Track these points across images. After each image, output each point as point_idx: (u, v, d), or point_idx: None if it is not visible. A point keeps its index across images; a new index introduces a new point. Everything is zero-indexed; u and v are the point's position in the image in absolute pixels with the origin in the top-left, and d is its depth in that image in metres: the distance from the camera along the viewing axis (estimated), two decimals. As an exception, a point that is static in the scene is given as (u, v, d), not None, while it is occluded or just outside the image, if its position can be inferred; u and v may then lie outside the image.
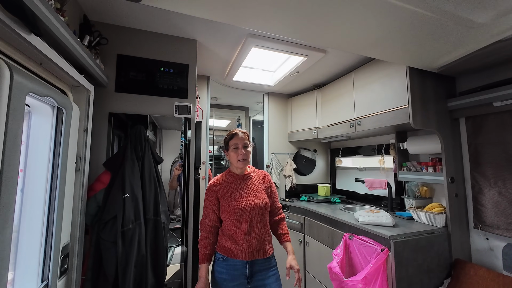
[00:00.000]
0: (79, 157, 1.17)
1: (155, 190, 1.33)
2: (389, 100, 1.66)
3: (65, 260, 1.04)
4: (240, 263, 1.15)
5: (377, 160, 2.30)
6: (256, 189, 1.26)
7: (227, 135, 1.28)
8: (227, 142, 1.27)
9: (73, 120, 1.06)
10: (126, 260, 1.16)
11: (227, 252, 1.17)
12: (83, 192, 1.17)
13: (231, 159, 1.25)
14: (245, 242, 1.15)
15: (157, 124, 1.73)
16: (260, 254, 1.18)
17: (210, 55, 1.92)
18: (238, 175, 1.27)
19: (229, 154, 1.26)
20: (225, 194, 1.21)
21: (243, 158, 1.23)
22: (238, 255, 1.15)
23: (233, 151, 1.24)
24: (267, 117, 2.80)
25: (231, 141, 1.25)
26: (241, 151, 1.23)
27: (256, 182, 1.29)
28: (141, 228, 1.23)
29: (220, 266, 1.17)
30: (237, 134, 1.25)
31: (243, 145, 1.23)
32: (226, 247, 1.18)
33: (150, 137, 1.71)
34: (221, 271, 1.16)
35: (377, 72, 1.79)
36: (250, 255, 1.16)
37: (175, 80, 1.55)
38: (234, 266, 1.15)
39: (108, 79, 1.42)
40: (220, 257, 1.19)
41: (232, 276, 1.15)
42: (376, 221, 1.55)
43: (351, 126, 2.02)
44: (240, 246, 1.15)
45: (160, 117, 1.55)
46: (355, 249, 1.58)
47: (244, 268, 1.15)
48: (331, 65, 2.08)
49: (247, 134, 1.28)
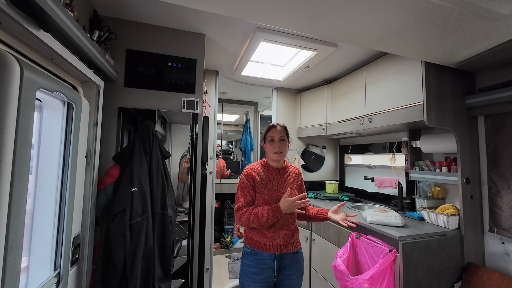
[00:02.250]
0: (89, 151, 1.20)
1: (162, 185, 1.35)
2: (403, 97, 1.60)
3: (76, 250, 1.07)
4: (268, 256, 1.18)
5: (388, 158, 2.24)
6: (289, 184, 1.27)
7: (265, 127, 1.31)
8: (265, 134, 1.29)
9: (83, 114, 1.08)
10: (134, 252, 1.19)
11: (256, 245, 1.20)
12: (93, 185, 1.21)
13: (267, 151, 1.27)
14: (275, 235, 1.17)
15: (167, 118, 1.75)
16: (289, 247, 1.21)
17: (218, 50, 1.90)
18: (274, 168, 1.28)
19: (266, 146, 1.28)
20: (260, 183, 1.23)
21: (279, 151, 1.23)
22: (267, 248, 1.18)
23: (269, 143, 1.25)
24: (275, 112, 2.77)
25: (268, 133, 1.27)
26: (277, 143, 1.23)
27: (290, 177, 1.30)
28: (149, 222, 1.25)
29: (249, 259, 1.21)
30: (274, 127, 1.27)
31: (279, 138, 1.24)
32: (255, 240, 1.21)
33: (159, 131, 1.73)
34: (249, 264, 1.20)
35: (390, 67, 1.72)
36: (279, 248, 1.19)
37: (183, 75, 1.55)
38: (262, 260, 1.18)
39: (117, 74, 1.43)
40: (248, 251, 1.22)
41: (260, 269, 1.18)
42: (385, 221, 1.52)
43: (362, 123, 1.96)
44: (270, 239, 1.17)
45: (169, 111, 1.57)
46: (362, 249, 1.55)
47: (272, 262, 1.18)
48: (342, 60, 2.01)
49: (285, 127, 1.29)
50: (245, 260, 1.23)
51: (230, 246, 3.30)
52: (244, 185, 1.24)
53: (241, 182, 1.26)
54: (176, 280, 1.42)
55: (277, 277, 1.21)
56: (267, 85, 2.72)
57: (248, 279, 1.20)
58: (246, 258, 1.23)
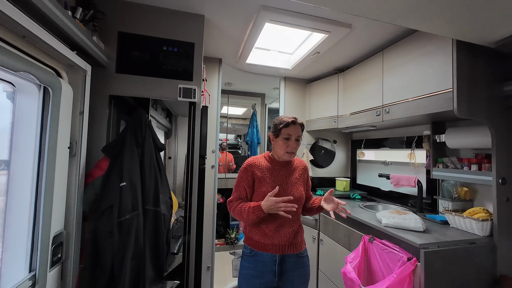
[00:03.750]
0: (74, 141, 1.10)
1: (155, 179, 1.25)
2: (427, 84, 1.39)
3: (58, 249, 0.99)
4: (269, 258, 1.09)
5: (406, 154, 2.04)
6: (295, 180, 1.18)
7: (281, 120, 1.15)
8: (280, 128, 1.14)
9: (64, 101, 0.97)
10: (123, 251, 1.09)
11: (256, 245, 1.11)
12: (80, 178, 1.11)
13: (277, 147, 1.15)
14: (276, 235, 1.08)
15: (172, 110, 1.64)
16: (292, 249, 1.11)
17: (220, 35, 1.75)
18: (279, 162, 1.19)
19: (277, 141, 1.16)
20: (262, 178, 1.13)
21: (292, 152, 1.13)
22: (268, 248, 1.09)
23: (283, 141, 1.13)
24: (283, 104, 2.61)
25: (285, 129, 1.12)
26: (293, 143, 1.12)
27: (296, 172, 1.21)
28: (139, 219, 1.15)
29: (248, 261, 1.12)
30: (294, 123, 1.13)
31: (296, 137, 1.13)
32: (254, 239, 1.12)
33: (164, 124, 1.62)
34: (248, 267, 1.11)
35: (413, 50, 1.51)
36: (281, 249, 1.09)
37: (180, 60, 1.42)
38: (262, 262, 1.09)
39: (108, 59, 1.32)
40: (248, 251, 1.13)
41: (260, 272, 1.09)
42: (403, 224, 1.35)
43: (378, 115, 1.77)
44: (270, 238, 1.09)
45: (174, 103, 1.45)
46: (375, 254, 1.39)
47: (274, 265, 1.09)
48: (356, 44, 1.81)
49: (303, 126, 1.17)
50: (244, 261, 1.14)
51: (235, 243, 3.21)
52: (241, 180, 1.17)
53: (239, 176, 1.18)
54: (171, 281, 1.32)
55: (278, 282, 1.10)
56: (275, 74, 2.55)
57: (246, 283, 1.11)
58: (245, 259, 1.15)
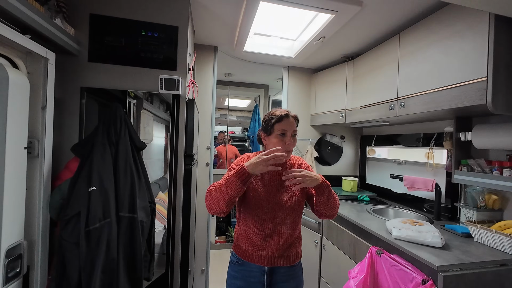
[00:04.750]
0: (36, 140, 0.97)
1: (131, 182, 1.10)
2: (454, 72, 1.16)
3: (16, 262, 0.87)
4: (257, 269, 1.01)
5: (423, 153, 1.81)
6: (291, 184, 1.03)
7: (272, 114, 1.00)
8: (272, 124, 0.98)
9: (15, 94, 0.83)
10: (91, 264, 0.97)
11: (244, 254, 1.03)
12: (43, 182, 0.99)
13: (272, 146, 0.97)
14: (265, 245, 0.99)
15: None
16: (283, 261, 1.01)
17: (211, 17, 1.56)
18: None
19: (270, 139, 1.00)
20: (253, 180, 1.00)
21: (289, 149, 0.98)
22: (256, 259, 1.00)
23: (278, 138, 0.97)
24: (286, 96, 2.40)
25: (278, 124, 0.97)
26: (289, 139, 0.97)
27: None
28: (112, 227, 1.02)
29: (235, 270, 1.04)
30: (287, 117, 0.97)
31: (292, 132, 0.98)
32: (242, 248, 1.04)
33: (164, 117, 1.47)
34: (235, 276, 1.04)
35: (437, 31, 1.26)
36: (270, 261, 0.99)
37: (161, 46, 1.24)
38: (250, 273, 1.02)
39: (79, 46, 1.17)
40: (235, 260, 1.05)
41: (248, 283, 1.02)
42: (418, 238, 1.15)
43: (391, 109, 1.54)
44: (259, 249, 0.99)
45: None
46: (383, 270, 1.21)
47: (262, 276, 1.01)
48: (368, 26, 1.57)
49: (297, 119, 1.03)
50: (231, 270, 1.06)
51: (235, 241, 3.10)
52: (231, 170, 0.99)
53: (230, 168, 1.01)
54: (153, 292, 1.21)
55: None
56: (277, 63, 2.33)
57: None
58: (232, 268, 1.06)
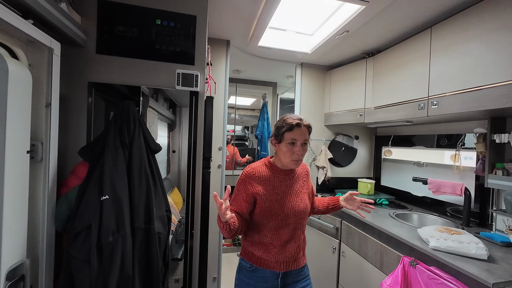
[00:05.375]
0: (39, 142, 0.85)
1: (147, 189, 0.99)
2: (500, 68, 1.06)
3: (18, 284, 0.75)
4: (271, 274, 1.02)
5: (446, 155, 1.72)
6: (299, 188, 1.07)
7: (284, 122, 1.00)
8: (283, 132, 0.99)
9: (16, 89, 0.71)
10: (103, 284, 0.85)
11: (258, 261, 1.03)
12: (48, 190, 0.87)
13: (281, 154, 1.00)
14: (282, 251, 1.01)
15: (175, 101, 1.37)
16: (295, 264, 1.05)
17: (228, 8, 1.43)
18: (282, 170, 1.06)
19: (280, 147, 1.01)
20: (266, 194, 1.00)
21: (299, 159, 0.99)
22: (271, 266, 1.01)
23: (287, 147, 0.98)
24: (299, 94, 2.29)
25: (289, 133, 0.97)
26: (299, 149, 0.97)
27: (299, 180, 1.09)
28: (126, 241, 0.91)
29: (247, 276, 1.04)
30: (299, 126, 0.97)
31: (302, 141, 0.98)
32: (256, 255, 1.03)
33: (168, 116, 1.35)
34: (248, 283, 1.03)
35: (478, 24, 1.16)
36: (285, 266, 1.02)
37: (178, 38, 1.12)
38: (264, 278, 1.02)
39: (86, 36, 1.04)
40: (248, 266, 1.04)
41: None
42: (460, 249, 1.06)
43: (421, 108, 1.44)
44: (275, 255, 1.00)
45: (176, 92, 1.17)
46: (419, 282, 1.12)
47: (276, 280, 1.03)
48: (398, 19, 1.46)
49: (310, 128, 1.02)
50: (243, 276, 1.05)
51: (242, 244, 3.00)
52: (238, 193, 1.03)
53: (237, 188, 1.04)
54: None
55: None
56: (290, 60, 2.22)
57: None
58: (243, 274, 1.06)
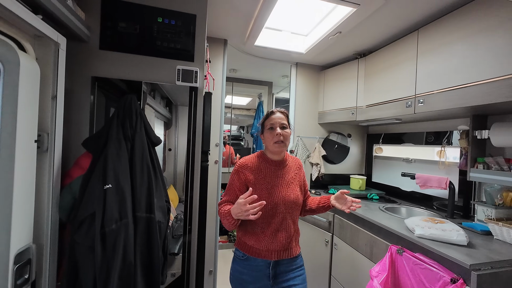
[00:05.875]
0: (45, 133, 0.88)
1: (148, 180, 1.03)
2: (484, 67, 1.15)
3: (25, 268, 0.79)
4: (263, 263, 1.06)
5: (433, 152, 1.81)
6: (290, 179, 1.12)
7: (264, 115, 1.17)
8: (262, 122, 1.14)
9: (26, 81, 0.74)
10: (107, 270, 0.89)
11: (250, 250, 1.07)
12: (54, 180, 0.90)
13: (266, 141, 1.12)
14: (272, 240, 1.05)
15: (172, 99, 1.41)
16: (287, 253, 1.09)
17: (226, 7, 1.48)
18: (273, 161, 1.13)
19: (264, 136, 1.13)
20: (256, 181, 1.07)
21: (279, 140, 1.07)
22: (263, 254, 1.06)
23: (268, 132, 1.09)
24: (294, 93, 2.35)
25: (267, 121, 1.11)
26: (277, 131, 1.07)
27: (291, 171, 1.15)
28: (128, 229, 0.94)
29: (240, 265, 1.09)
30: (273, 113, 1.12)
31: (280, 125, 1.08)
32: (248, 244, 1.08)
33: (164, 114, 1.39)
34: (241, 271, 1.08)
35: (463, 27, 1.25)
36: (276, 255, 1.06)
37: (178, 35, 1.16)
38: (256, 267, 1.07)
39: (90, 32, 1.07)
40: (241, 255, 1.09)
41: (254, 277, 1.07)
42: (443, 236, 1.14)
43: (408, 106, 1.53)
44: (266, 244, 1.05)
45: (173, 90, 1.22)
46: (405, 269, 1.19)
47: (267, 269, 1.07)
48: (388, 22, 1.54)
49: (286, 114, 1.14)
50: (236, 265, 1.11)
51: (238, 240, 3.05)
52: (232, 182, 1.11)
53: (231, 178, 1.13)
54: (168, 297, 1.14)
55: (274, 285, 1.08)
56: (286, 59, 2.28)
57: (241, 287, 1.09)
58: (237, 263, 1.11)
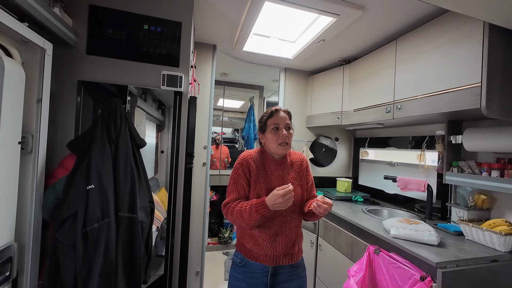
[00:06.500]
0: (30, 135, 0.91)
1: (131, 181, 1.06)
2: (452, 76, 1.21)
3: (6, 266, 0.81)
4: (260, 269, 1.00)
5: (415, 156, 1.88)
6: (291, 180, 1.04)
7: (265, 113, 1.06)
8: (265, 121, 1.04)
9: (10, 84, 0.78)
10: (88, 268, 0.92)
11: (248, 253, 1.01)
12: (37, 180, 0.93)
13: (269, 142, 1.03)
14: (271, 244, 0.98)
15: (164, 102, 1.44)
16: (287, 259, 1.01)
17: (213, 15, 1.54)
18: (274, 160, 1.06)
19: (266, 136, 1.04)
20: (256, 178, 1.01)
21: (284, 142, 1.00)
22: (260, 259, 0.99)
23: (272, 133, 1.01)
24: (282, 97, 2.41)
25: (270, 120, 1.02)
26: (283, 132, 1.00)
27: (292, 170, 1.07)
28: (111, 228, 0.97)
29: (238, 272, 1.03)
30: (278, 111, 1.03)
31: (285, 125, 1.01)
32: (247, 247, 1.02)
33: (156, 116, 1.42)
34: (238, 278, 1.02)
35: (435, 38, 1.32)
36: (274, 260, 0.99)
37: (164, 42, 1.21)
38: (253, 274, 1.00)
39: (77, 38, 1.11)
40: (238, 260, 1.03)
41: (250, 285, 1.00)
42: (415, 236, 1.19)
43: (388, 112, 1.59)
44: (264, 249, 0.99)
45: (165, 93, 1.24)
46: (381, 268, 1.24)
47: (265, 277, 1.00)
48: (367, 31, 1.62)
49: (290, 113, 1.07)
50: (234, 271, 1.05)
51: (228, 242, 3.07)
52: (238, 177, 1.02)
53: (235, 173, 1.04)
54: (151, 296, 1.16)
55: None
56: (274, 65, 2.35)
57: None
58: (234, 269, 1.05)
